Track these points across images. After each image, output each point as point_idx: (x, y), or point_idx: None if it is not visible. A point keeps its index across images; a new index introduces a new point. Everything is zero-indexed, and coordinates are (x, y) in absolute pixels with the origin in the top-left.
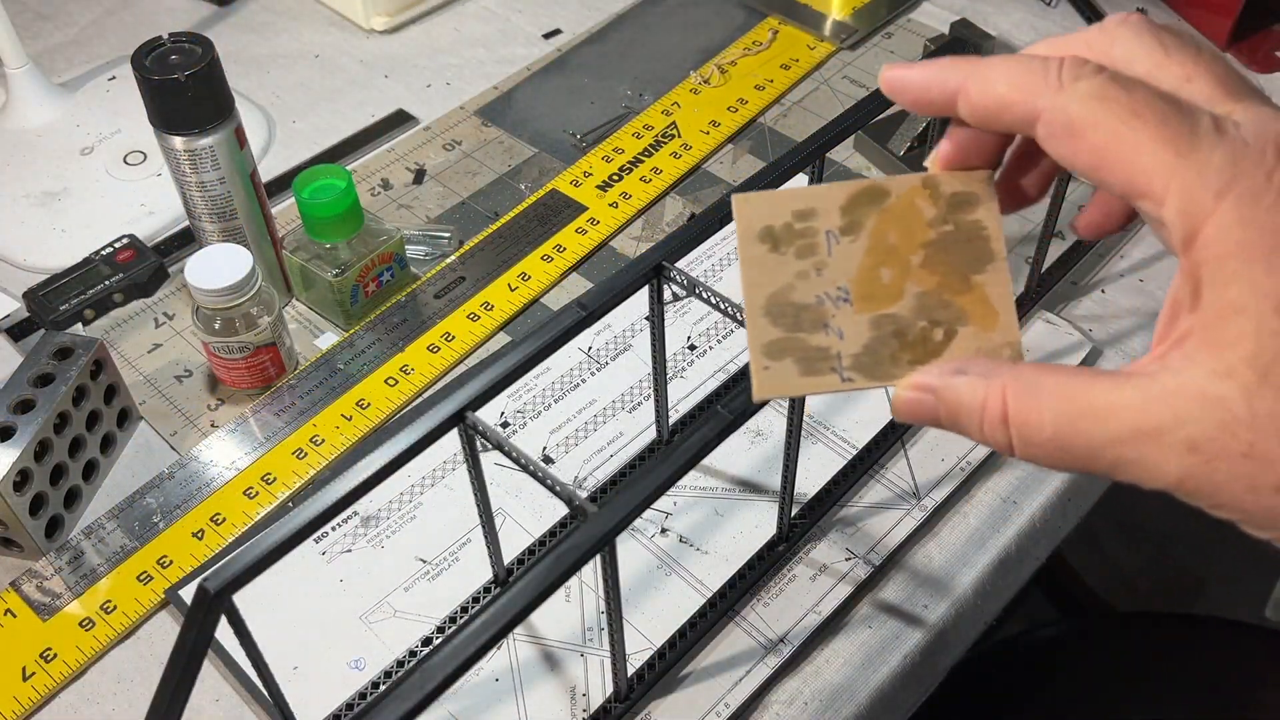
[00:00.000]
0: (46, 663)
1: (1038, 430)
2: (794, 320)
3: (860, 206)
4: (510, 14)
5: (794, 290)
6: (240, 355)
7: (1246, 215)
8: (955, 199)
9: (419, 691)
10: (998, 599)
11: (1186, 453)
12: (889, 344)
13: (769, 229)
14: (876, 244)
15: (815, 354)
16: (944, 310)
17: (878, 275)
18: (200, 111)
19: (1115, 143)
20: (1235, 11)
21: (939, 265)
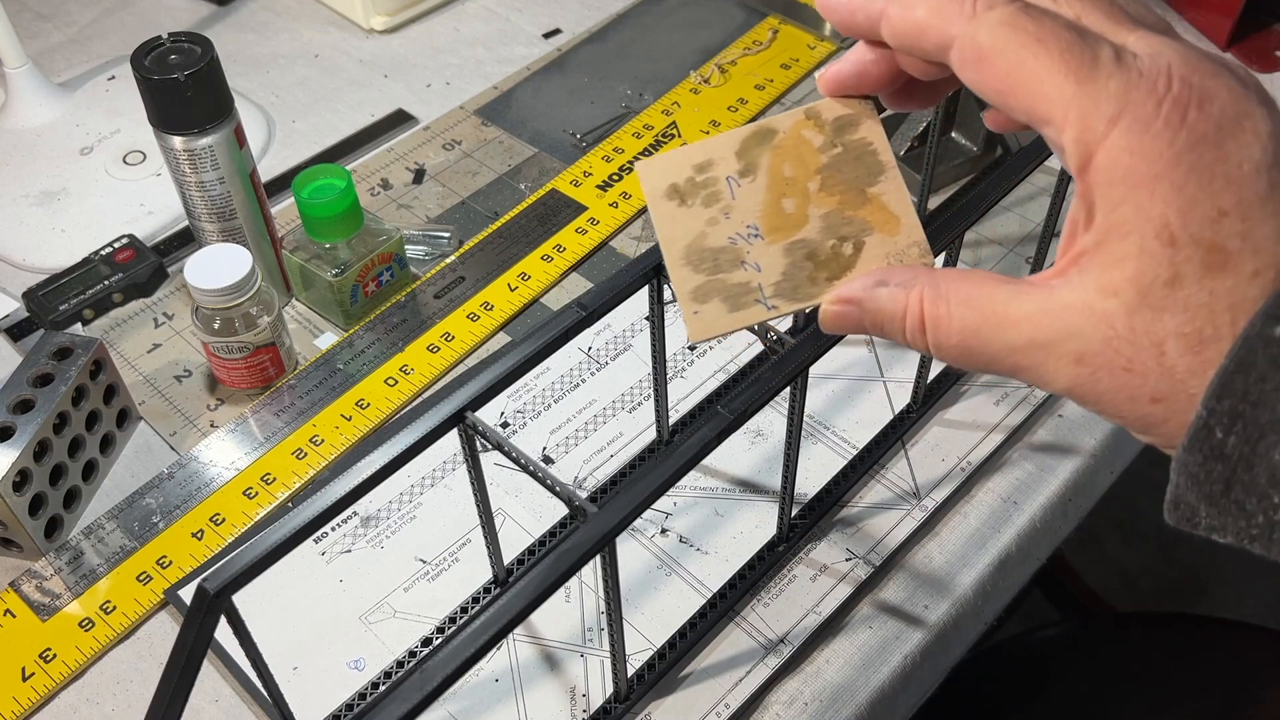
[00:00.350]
0: (46, 663)
1: (946, 336)
2: (713, 263)
3: (753, 148)
4: (510, 14)
5: (707, 237)
6: (240, 355)
7: (1134, 142)
8: (838, 123)
9: (419, 692)
10: (998, 599)
11: (1074, 364)
12: (804, 267)
13: (673, 186)
14: (774, 179)
15: (738, 290)
16: (848, 226)
17: (781, 207)
18: (200, 111)
19: (1019, 70)
20: (1235, 11)
21: (835, 186)
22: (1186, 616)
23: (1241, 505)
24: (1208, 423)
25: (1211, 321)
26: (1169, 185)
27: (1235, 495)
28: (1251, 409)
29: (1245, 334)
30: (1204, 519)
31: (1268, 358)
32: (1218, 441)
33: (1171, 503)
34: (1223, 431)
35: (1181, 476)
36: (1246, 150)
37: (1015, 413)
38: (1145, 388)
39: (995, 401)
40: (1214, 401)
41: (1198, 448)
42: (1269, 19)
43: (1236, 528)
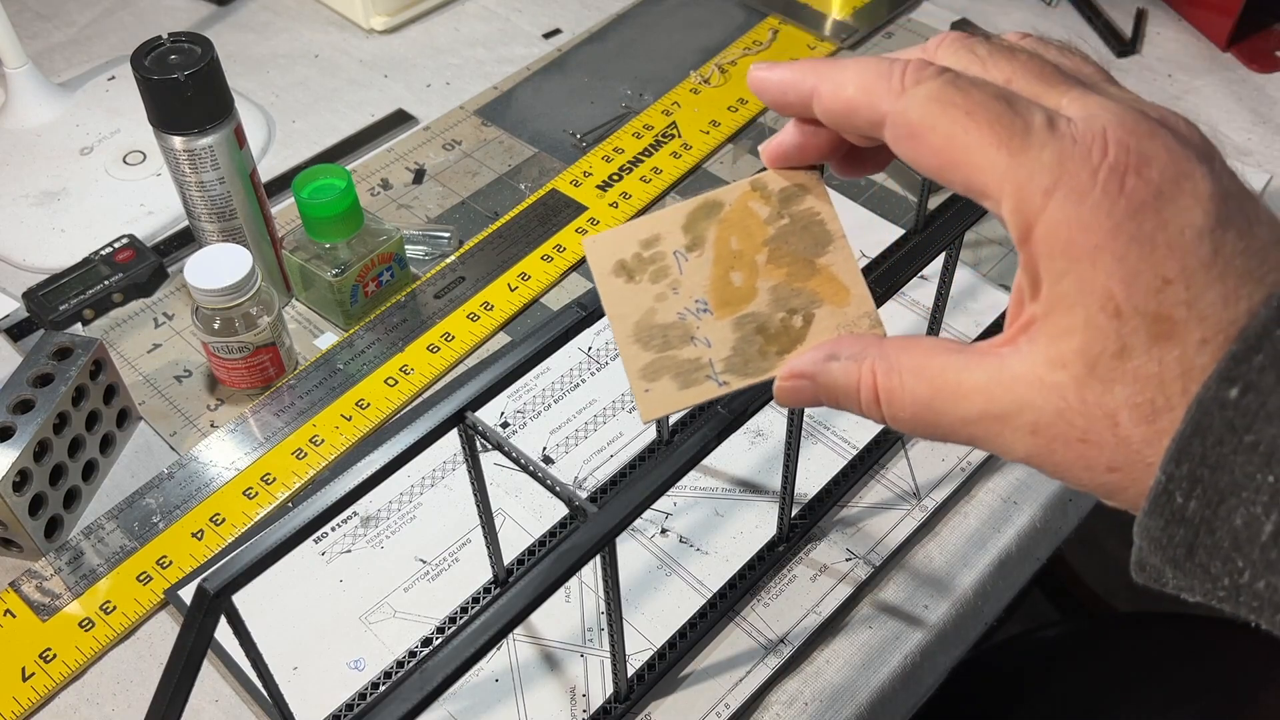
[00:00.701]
0: (46, 663)
1: (900, 409)
2: (662, 340)
3: (699, 222)
4: (510, 14)
5: (656, 313)
6: (240, 355)
7: (1072, 214)
8: (784, 194)
9: (419, 692)
10: (998, 600)
11: (1029, 435)
12: (754, 341)
13: (620, 263)
14: (722, 252)
15: (689, 366)
16: (797, 298)
17: (729, 280)
18: (200, 111)
19: (952, 145)
20: (1235, 11)
21: (783, 258)
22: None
23: (1206, 568)
24: (1167, 488)
25: (1163, 391)
26: (1110, 256)
27: (1199, 559)
28: (1210, 473)
29: (1199, 397)
30: (1170, 580)
31: (1223, 421)
32: (1178, 506)
33: (1137, 564)
34: (1183, 496)
35: (1144, 540)
36: (1187, 215)
37: None
38: (1101, 458)
39: None
40: (1172, 466)
41: (1159, 512)
42: (1269, 19)
43: (1204, 589)
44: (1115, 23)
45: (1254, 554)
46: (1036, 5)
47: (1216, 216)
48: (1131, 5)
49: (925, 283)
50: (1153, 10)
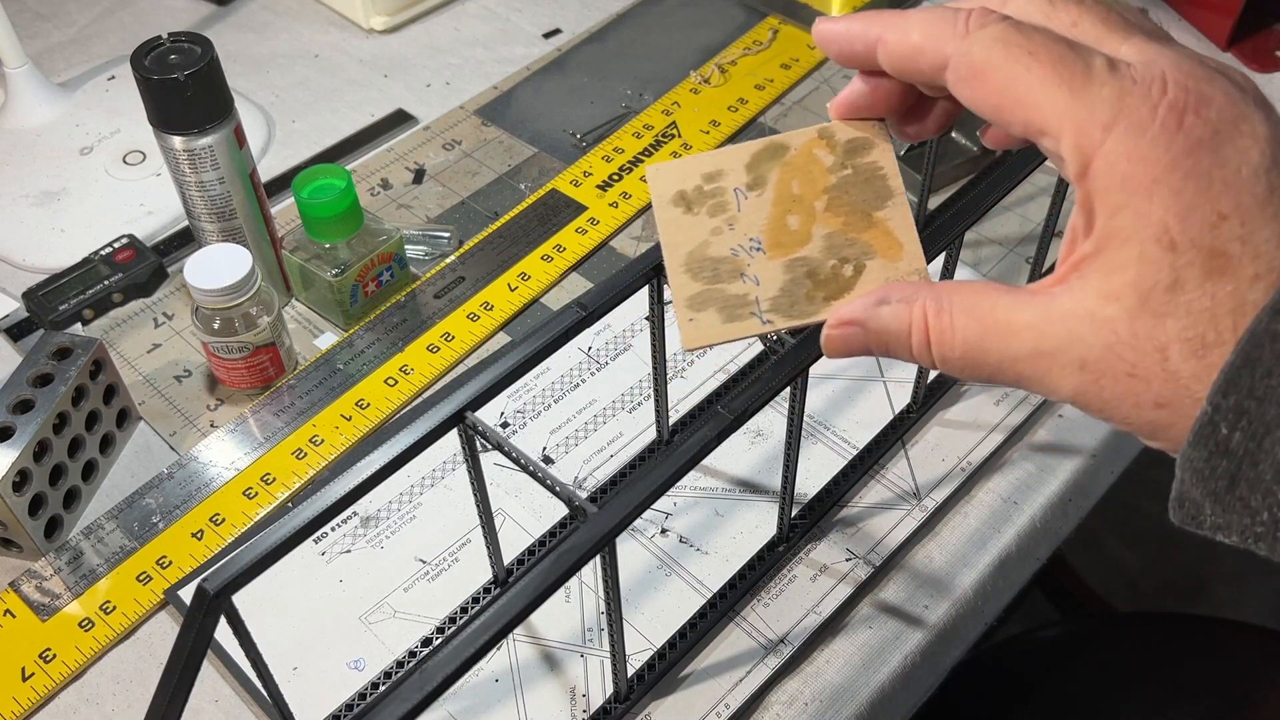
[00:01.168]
0: (46, 663)
1: (950, 349)
2: (713, 273)
3: (763, 163)
4: (510, 13)
5: (710, 246)
6: (240, 355)
7: (1131, 148)
8: (850, 145)
9: (419, 692)
10: (998, 599)
11: (1077, 371)
12: (803, 284)
13: (681, 193)
14: (782, 194)
15: (735, 301)
16: (851, 248)
17: (786, 223)
18: (199, 111)
19: (1014, 84)
20: (1236, 11)
21: (842, 207)
22: (1186, 616)
23: (1246, 502)
24: (1213, 419)
25: (1214, 326)
26: (1167, 190)
27: (1240, 492)
28: (1257, 405)
29: (1251, 329)
30: (1209, 517)
31: (1274, 353)
32: (1223, 437)
33: (1176, 500)
34: (1228, 427)
35: (1186, 472)
36: (1244, 154)
37: (1015, 413)
38: (1149, 393)
39: (995, 401)
40: (1219, 397)
41: (1203, 443)
42: (1269, 19)
43: (1241, 525)
44: None
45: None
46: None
47: (1273, 157)
48: (1132, 2)
49: None
50: (1153, 10)
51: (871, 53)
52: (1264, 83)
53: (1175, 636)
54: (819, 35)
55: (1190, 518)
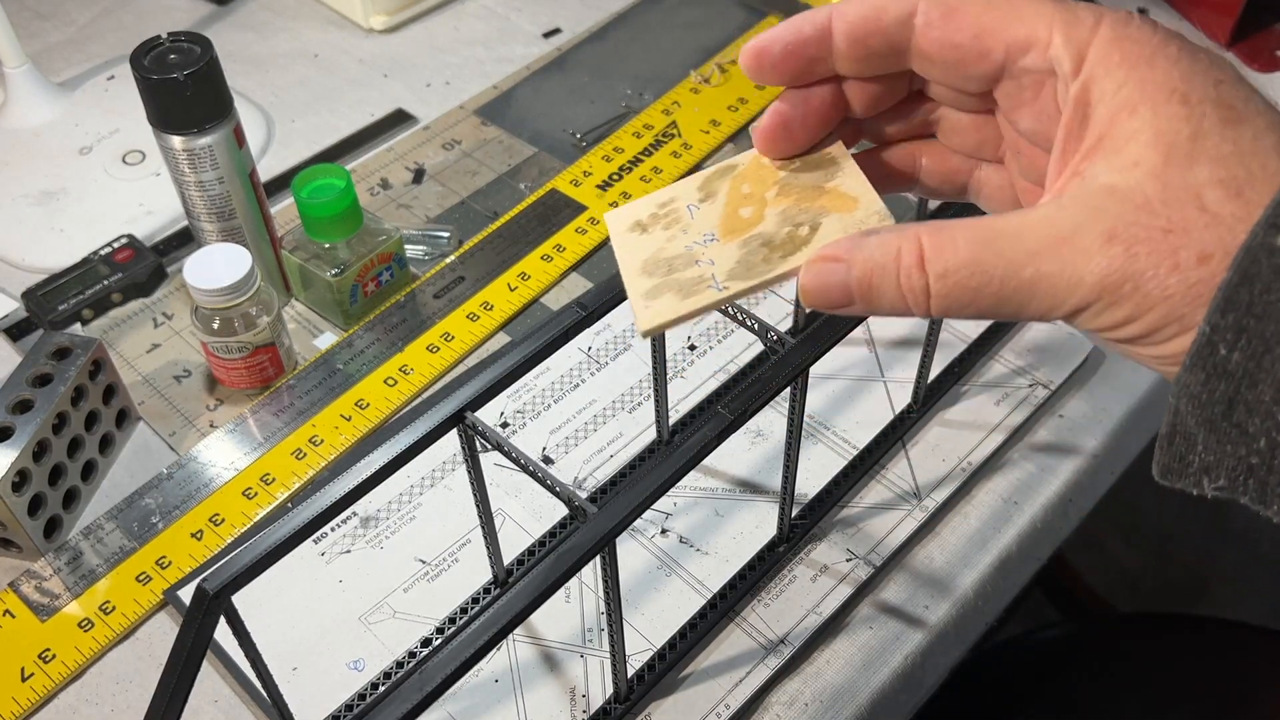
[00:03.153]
0: (45, 663)
1: (953, 256)
2: (667, 268)
3: (714, 182)
4: (510, 13)
5: (663, 251)
6: (239, 355)
7: (1122, 31)
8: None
9: (419, 692)
10: (999, 600)
11: (1106, 244)
12: (759, 253)
13: (636, 222)
14: (733, 196)
15: (690, 282)
16: (805, 214)
17: (738, 215)
18: (199, 111)
19: (993, 10)
20: (1236, 11)
21: (793, 189)
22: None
23: (1243, 428)
24: (1210, 339)
25: (1244, 166)
26: (1165, 59)
27: (1237, 416)
28: (1256, 322)
29: (1247, 244)
30: (1199, 454)
31: (1271, 268)
32: (1221, 358)
33: (1166, 436)
34: (1226, 347)
35: (1181, 399)
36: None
37: (1016, 413)
38: (1191, 246)
39: (996, 401)
40: (1217, 316)
41: (1200, 366)
42: (1269, 19)
43: (1235, 458)
44: None
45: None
46: None
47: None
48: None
49: None
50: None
51: (824, 37)
52: (1264, 83)
53: (1175, 636)
54: (755, 53)
55: (1178, 459)
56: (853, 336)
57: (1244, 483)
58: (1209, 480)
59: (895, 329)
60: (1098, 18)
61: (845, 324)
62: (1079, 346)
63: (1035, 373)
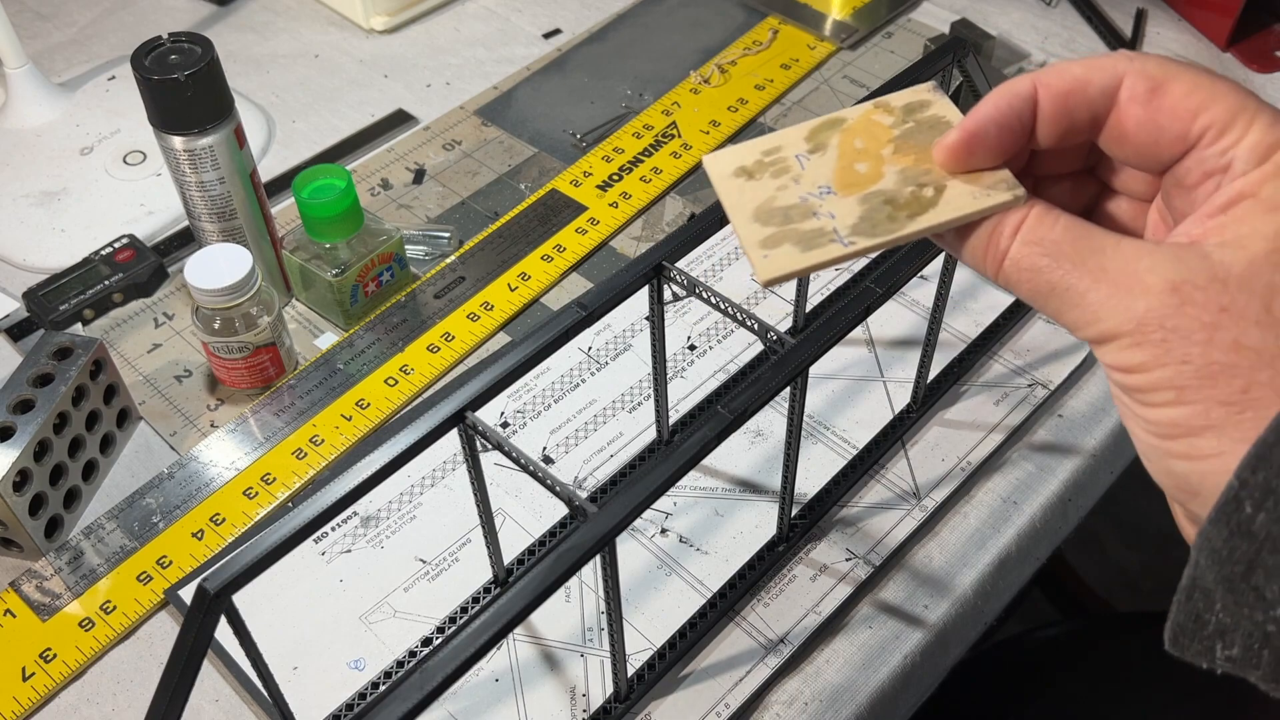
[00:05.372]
0: (46, 663)
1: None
2: (783, 217)
3: (822, 133)
4: (510, 14)
5: (776, 200)
6: (240, 355)
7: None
8: (909, 107)
9: (419, 692)
10: (998, 599)
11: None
12: (883, 210)
13: (741, 168)
14: (846, 150)
15: (811, 234)
16: (927, 175)
17: (854, 169)
18: (200, 111)
19: (1198, 92)
20: (1235, 11)
21: (910, 149)
22: None
23: (1261, 593)
24: (1238, 494)
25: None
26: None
27: (1256, 580)
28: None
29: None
30: (1218, 612)
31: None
32: (1246, 517)
33: (1185, 589)
34: (1253, 506)
35: (1202, 554)
36: None
37: (1015, 413)
38: (1233, 331)
39: (995, 401)
40: (1248, 473)
41: (1224, 521)
42: (1269, 19)
43: (1252, 622)
44: (1115, 23)
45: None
46: (1036, 5)
47: None
48: (1131, 5)
49: (925, 283)
50: (1153, 10)
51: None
52: (1264, 83)
53: None
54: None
55: (1194, 617)
56: (852, 336)
57: (1258, 653)
58: (1222, 646)
59: (895, 329)
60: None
61: (845, 324)
62: (1079, 346)
63: (1035, 372)
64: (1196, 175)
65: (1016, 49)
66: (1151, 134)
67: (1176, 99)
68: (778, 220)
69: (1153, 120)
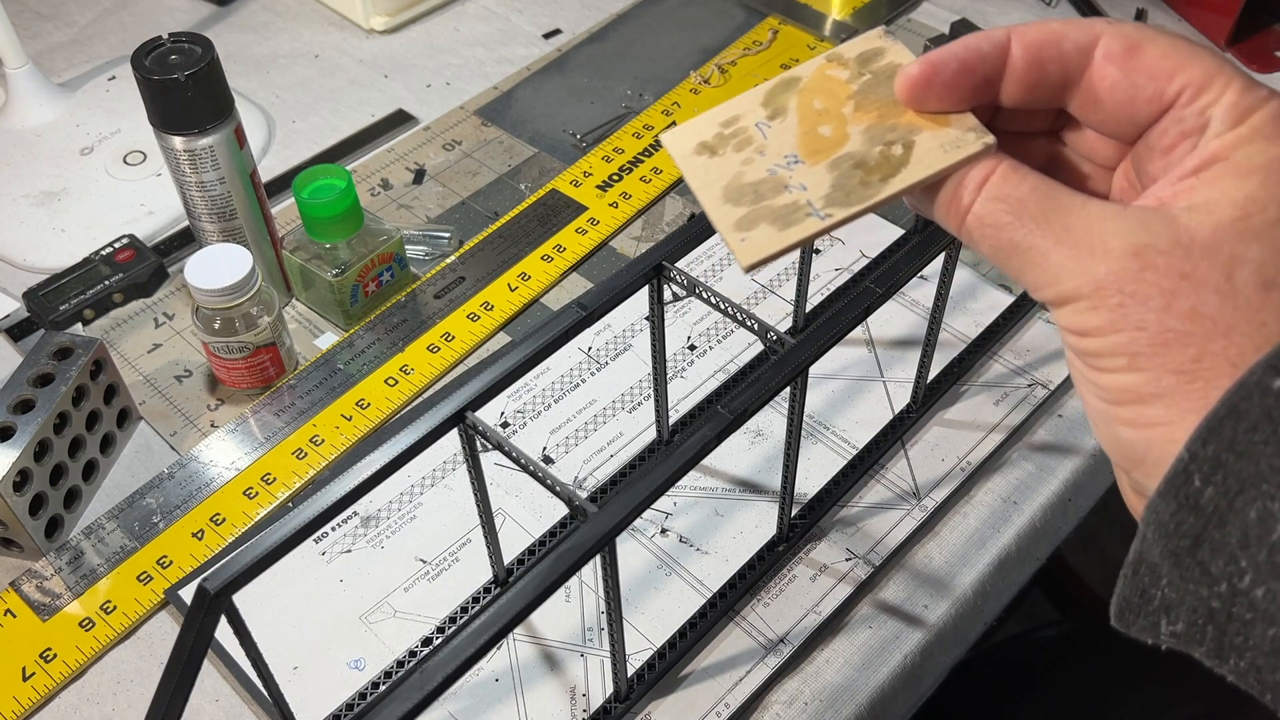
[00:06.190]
0: (46, 663)
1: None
2: (754, 194)
3: (778, 96)
4: (510, 14)
5: (744, 175)
6: (240, 355)
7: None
8: (863, 56)
9: (419, 692)
10: (998, 599)
11: (1130, 257)
12: (854, 175)
13: (701, 144)
14: (806, 113)
15: (786, 210)
16: (893, 132)
17: (818, 133)
18: (200, 111)
19: (1175, 54)
20: (1235, 11)
21: (871, 104)
22: None
23: (1206, 568)
24: (1188, 467)
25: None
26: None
27: (1202, 555)
28: (1236, 459)
29: (1243, 380)
30: (1163, 586)
31: (1262, 408)
32: (1194, 490)
33: (1132, 564)
34: (1201, 480)
35: (1150, 528)
36: None
37: (1015, 413)
38: (1190, 299)
39: (995, 401)
40: (1198, 445)
41: (1172, 494)
42: (1269, 19)
43: (1196, 598)
44: None
45: (1260, 555)
46: (1036, 5)
47: None
48: (1131, 5)
49: (925, 283)
50: (1152, 10)
51: (1001, 52)
52: (1264, 83)
53: None
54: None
55: (1140, 592)
56: (852, 336)
57: (1202, 628)
58: (1167, 621)
59: (895, 329)
60: (1272, 94)
61: (845, 324)
62: None
63: (1034, 372)
64: (1173, 136)
65: None
66: (1127, 93)
67: (1153, 59)
68: (749, 198)
69: (1128, 79)
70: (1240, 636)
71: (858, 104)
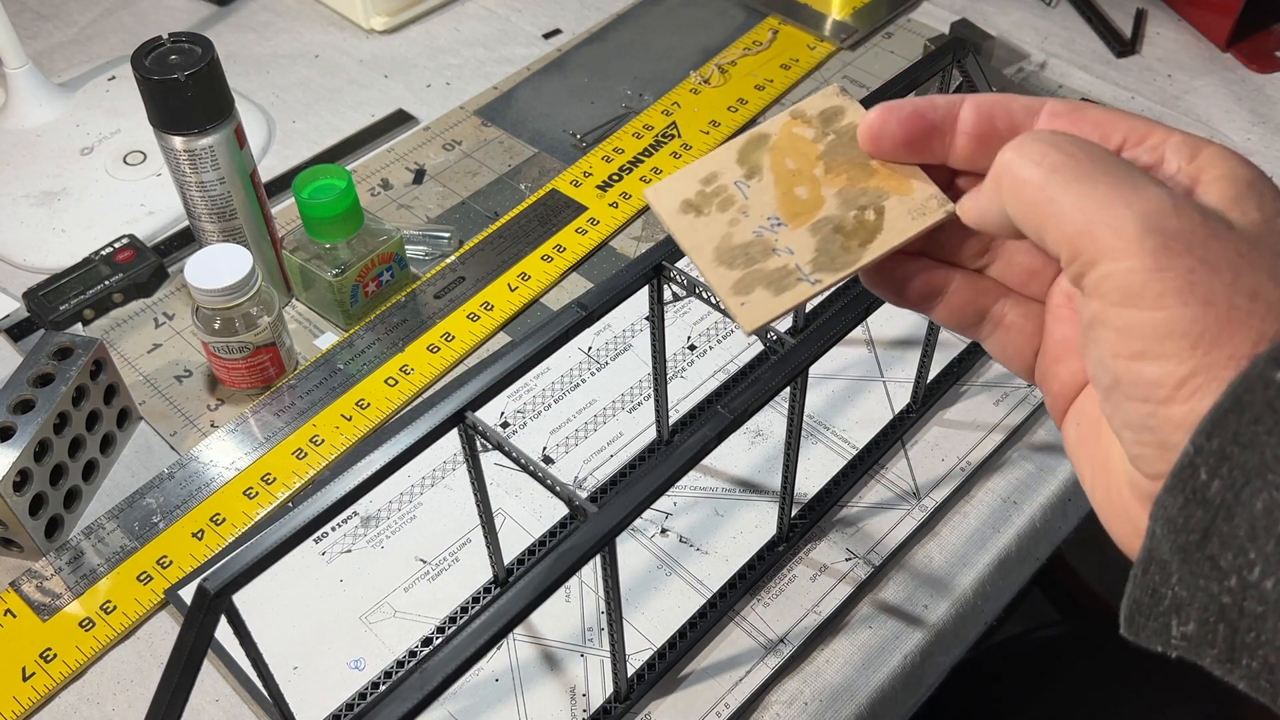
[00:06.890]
0: (46, 663)
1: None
2: (745, 257)
3: (751, 154)
4: (510, 14)
5: (732, 236)
6: (240, 355)
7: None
8: (824, 115)
9: (419, 692)
10: (998, 599)
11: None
12: (834, 239)
13: (685, 202)
14: (780, 174)
15: (778, 274)
16: (864, 196)
17: (795, 195)
18: (200, 111)
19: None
20: (1235, 11)
21: (840, 166)
22: None
23: (1215, 562)
24: (1193, 461)
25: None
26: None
27: (1211, 549)
28: (1241, 451)
29: (1246, 373)
30: (1174, 585)
31: (1265, 400)
32: (1201, 484)
33: (1142, 563)
34: (1207, 473)
35: (1158, 523)
36: None
37: (1015, 413)
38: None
39: (995, 401)
40: (1203, 439)
41: (1179, 489)
42: (1269, 19)
43: (1207, 594)
44: (1114, 23)
45: (1268, 545)
46: (1036, 5)
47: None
48: (1131, 5)
49: None
50: (1152, 10)
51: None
52: (1264, 83)
53: None
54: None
55: (1150, 592)
56: (852, 336)
57: (1214, 627)
58: (1178, 622)
59: (895, 329)
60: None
61: (845, 324)
62: None
63: None
64: None
65: (1016, 49)
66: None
67: (1097, 115)
68: (741, 261)
69: (1075, 128)
70: (1252, 633)
71: (827, 165)
